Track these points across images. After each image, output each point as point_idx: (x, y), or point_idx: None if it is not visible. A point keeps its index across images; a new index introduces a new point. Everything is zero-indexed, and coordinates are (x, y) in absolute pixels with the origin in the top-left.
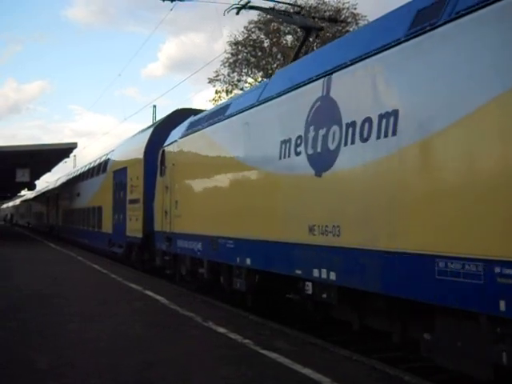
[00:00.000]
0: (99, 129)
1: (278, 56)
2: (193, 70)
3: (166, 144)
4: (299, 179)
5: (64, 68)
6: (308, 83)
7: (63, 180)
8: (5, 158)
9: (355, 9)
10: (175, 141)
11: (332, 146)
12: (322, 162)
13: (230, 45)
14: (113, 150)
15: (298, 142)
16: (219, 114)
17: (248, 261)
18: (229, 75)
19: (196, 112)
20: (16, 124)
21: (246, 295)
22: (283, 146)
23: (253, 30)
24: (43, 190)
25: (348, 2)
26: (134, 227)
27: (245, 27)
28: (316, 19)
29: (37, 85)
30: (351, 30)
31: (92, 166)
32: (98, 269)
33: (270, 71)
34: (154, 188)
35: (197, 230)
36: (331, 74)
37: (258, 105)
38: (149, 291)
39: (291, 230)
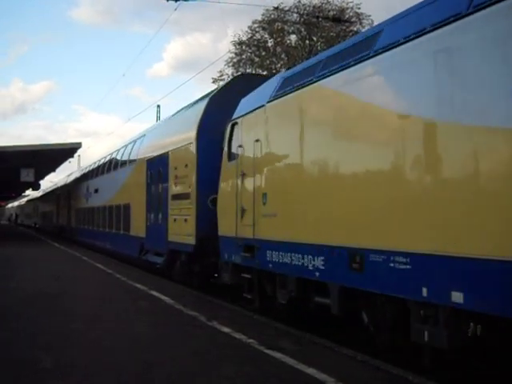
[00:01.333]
0: (104, 129)
1: (282, 56)
2: (198, 69)
3: (237, 115)
4: None
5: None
6: None
7: (76, 175)
8: (9, 158)
9: (359, 8)
10: (259, 107)
11: None
12: None
13: (234, 44)
14: (143, 136)
15: None
16: (358, 51)
17: (457, 296)
18: (233, 75)
19: (261, 78)
20: (22, 124)
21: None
22: None
23: (257, 29)
24: (52, 188)
25: (352, 2)
26: (181, 230)
27: (249, 27)
28: (320, 19)
29: (42, 85)
30: (355, 29)
31: (114, 156)
32: (103, 268)
33: (274, 71)
34: (213, 178)
35: (311, 236)
36: None
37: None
38: (154, 291)
39: None
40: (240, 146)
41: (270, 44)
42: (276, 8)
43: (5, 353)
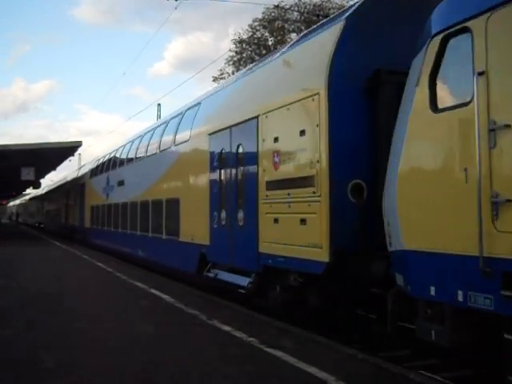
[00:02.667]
0: (105, 128)
1: None
2: (199, 68)
3: (465, 16)
4: None
5: (71, 67)
6: None
7: (91, 167)
8: (10, 157)
9: None
10: None
11: None
12: None
13: (235, 43)
14: (197, 104)
15: None
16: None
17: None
18: (233, 73)
19: None
20: (23, 123)
21: None
22: None
23: (257, 28)
24: (60, 183)
25: (352, 0)
26: (291, 237)
27: (249, 25)
28: (320, 17)
29: (44, 84)
30: None
31: (147, 138)
32: (103, 267)
33: None
34: (356, 153)
35: None
36: None
37: None
38: (154, 290)
39: None
40: (482, 74)
41: (270, 42)
42: (276, 6)
43: (6, 352)
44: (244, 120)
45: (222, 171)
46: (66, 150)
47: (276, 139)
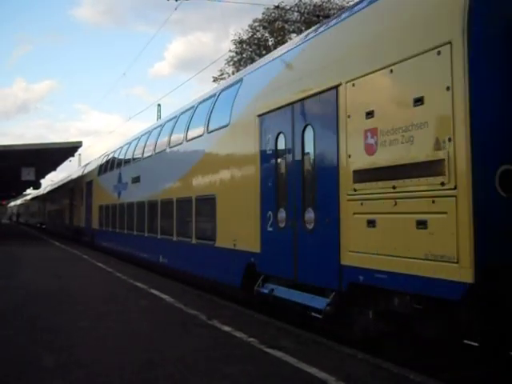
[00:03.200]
0: (105, 128)
1: None
2: (199, 69)
3: None
4: None
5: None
6: None
7: (100, 162)
8: (10, 157)
9: None
10: None
11: None
12: None
13: (235, 43)
14: (238, 82)
15: None
16: None
17: None
18: (233, 74)
19: None
20: (24, 123)
21: None
22: None
23: (257, 28)
24: (64, 181)
25: (353, 1)
26: (397, 246)
27: (249, 25)
28: (320, 17)
29: (45, 84)
30: None
31: (169, 127)
32: (103, 267)
33: None
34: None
35: None
36: None
37: None
38: (154, 290)
39: None
40: None
41: (270, 43)
42: (277, 7)
43: (7, 351)
44: (315, 93)
45: (280, 160)
46: (67, 151)
47: (370, 114)
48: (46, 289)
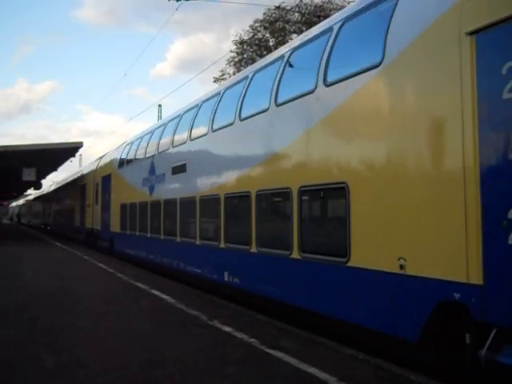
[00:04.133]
0: (106, 128)
1: None
2: (201, 69)
3: None
4: None
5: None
6: None
7: (121, 151)
8: (11, 158)
9: None
10: None
11: None
12: None
13: (236, 44)
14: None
15: None
16: None
17: None
18: (234, 74)
19: None
20: (26, 123)
21: None
22: None
23: (258, 29)
24: (74, 177)
25: (353, 1)
26: None
27: (250, 26)
28: (321, 18)
29: (47, 85)
30: None
31: (239, 84)
32: (105, 268)
33: None
34: None
35: None
36: None
37: None
38: (155, 290)
39: None
40: None
41: (271, 43)
42: (278, 7)
43: (8, 351)
44: None
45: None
46: (67, 151)
47: None
48: (46, 289)
